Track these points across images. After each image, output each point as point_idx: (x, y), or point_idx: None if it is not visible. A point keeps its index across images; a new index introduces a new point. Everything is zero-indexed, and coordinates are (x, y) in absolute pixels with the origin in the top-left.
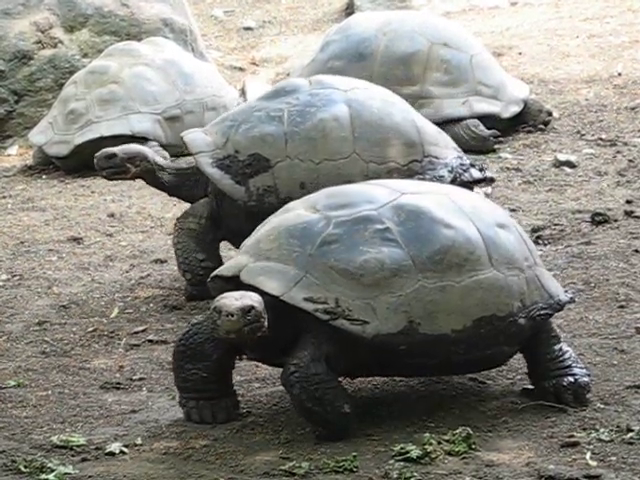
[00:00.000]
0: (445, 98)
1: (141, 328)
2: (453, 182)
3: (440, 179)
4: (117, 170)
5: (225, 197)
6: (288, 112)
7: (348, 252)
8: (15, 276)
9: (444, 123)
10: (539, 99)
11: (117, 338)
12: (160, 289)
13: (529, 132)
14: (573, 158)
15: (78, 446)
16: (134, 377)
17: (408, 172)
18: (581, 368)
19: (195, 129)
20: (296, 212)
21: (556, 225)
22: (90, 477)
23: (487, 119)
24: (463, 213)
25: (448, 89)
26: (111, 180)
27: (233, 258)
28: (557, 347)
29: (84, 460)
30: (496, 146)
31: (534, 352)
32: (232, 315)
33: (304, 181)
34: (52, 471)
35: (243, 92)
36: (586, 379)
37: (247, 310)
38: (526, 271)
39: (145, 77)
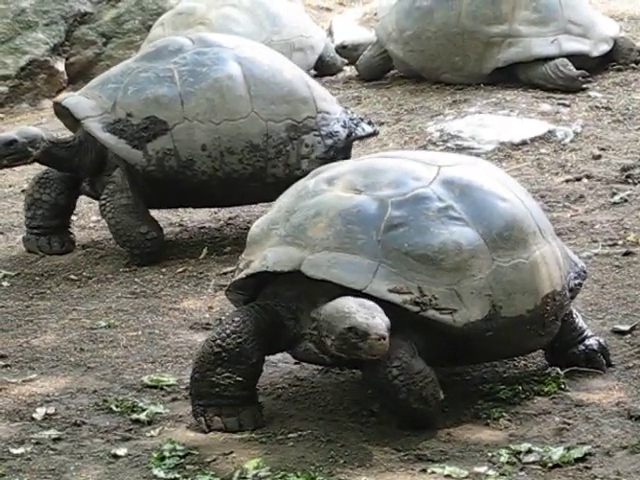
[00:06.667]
0: (534, 37)
1: (230, 269)
2: (348, 137)
3: (336, 135)
4: (19, 156)
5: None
6: (179, 72)
7: (421, 235)
8: None
9: (532, 62)
10: (629, 37)
11: (206, 279)
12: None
13: (619, 70)
14: None
15: (168, 386)
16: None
17: (304, 129)
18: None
19: (71, 93)
20: (335, 194)
21: None
22: (180, 416)
23: (576, 58)
24: (501, 184)
25: (537, 28)
26: (11, 167)
27: (267, 251)
28: (574, 315)
29: (174, 400)
30: (585, 85)
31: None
32: (384, 338)
33: (205, 143)
34: (143, 410)
35: (330, 32)
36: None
37: (390, 328)
38: (557, 239)
39: (232, 18)
